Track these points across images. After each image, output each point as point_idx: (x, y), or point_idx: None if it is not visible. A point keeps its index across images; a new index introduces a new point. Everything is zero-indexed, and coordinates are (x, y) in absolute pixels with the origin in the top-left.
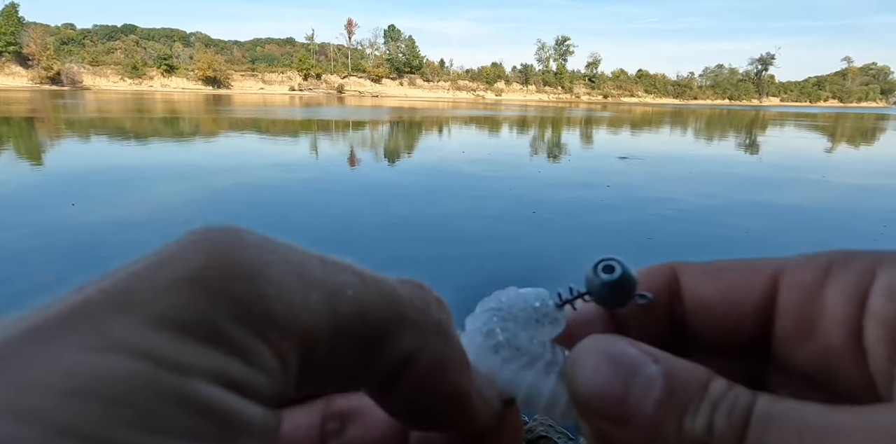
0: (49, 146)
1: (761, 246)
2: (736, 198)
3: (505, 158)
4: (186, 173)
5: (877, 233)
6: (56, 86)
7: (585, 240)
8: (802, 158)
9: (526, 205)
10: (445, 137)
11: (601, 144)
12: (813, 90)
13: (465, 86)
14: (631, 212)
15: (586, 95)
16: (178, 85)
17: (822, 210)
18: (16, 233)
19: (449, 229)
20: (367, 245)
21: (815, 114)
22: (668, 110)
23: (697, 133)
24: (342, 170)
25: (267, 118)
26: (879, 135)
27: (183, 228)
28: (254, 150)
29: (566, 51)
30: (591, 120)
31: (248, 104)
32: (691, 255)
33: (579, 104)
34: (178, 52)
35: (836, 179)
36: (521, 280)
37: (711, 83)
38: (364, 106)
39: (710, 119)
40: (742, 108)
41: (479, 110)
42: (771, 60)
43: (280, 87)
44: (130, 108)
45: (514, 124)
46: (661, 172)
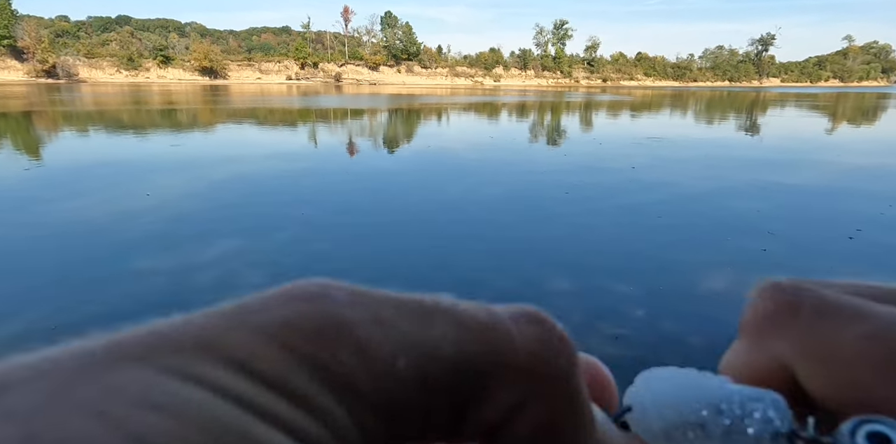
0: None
1: (775, 225)
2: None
3: (529, 144)
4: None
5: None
6: (52, 79)
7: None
8: (802, 140)
9: (558, 187)
10: (470, 124)
11: (622, 127)
12: (814, 70)
13: (464, 72)
14: (651, 193)
15: (585, 79)
16: (174, 76)
17: (825, 190)
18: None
19: (511, 204)
20: (431, 225)
21: (816, 94)
22: (668, 93)
23: (703, 115)
24: (405, 156)
25: (298, 108)
26: (881, 113)
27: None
28: (300, 141)
29: (564, 35)
30: (603, 104)
31: (257, 95)
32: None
33: (578, 88)
34: (174, 43)
35: (846, 160)
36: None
37: (711, 65)
38: (372, 94)
39: (710, 101)
40: (742, 89)
41: (482, 96)
42: (771, 41)
43: (277, 76)
44: (158, 100)
45: (527, 110)
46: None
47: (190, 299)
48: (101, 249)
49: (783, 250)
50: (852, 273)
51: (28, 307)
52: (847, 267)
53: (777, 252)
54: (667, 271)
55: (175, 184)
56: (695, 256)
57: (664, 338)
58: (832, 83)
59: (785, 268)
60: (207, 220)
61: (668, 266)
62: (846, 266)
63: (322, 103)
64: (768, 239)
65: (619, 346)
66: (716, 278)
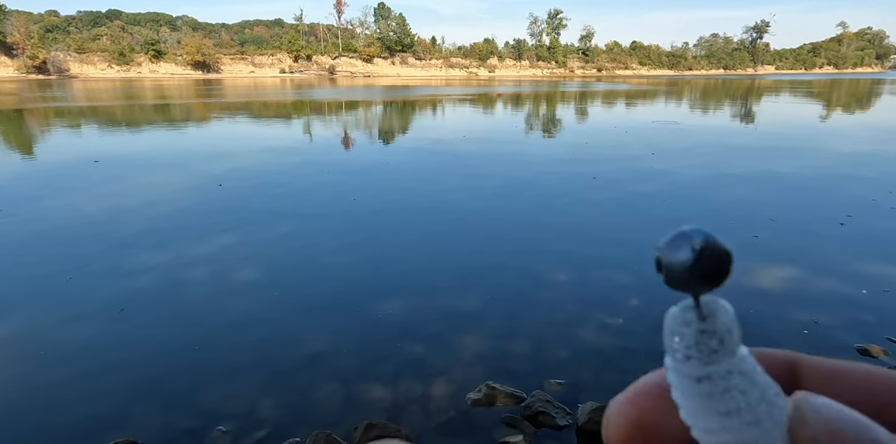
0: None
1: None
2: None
3: (547, 132)
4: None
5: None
6: (43, 75)
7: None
8: (794, 126)
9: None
10: (484, 115)
11: (629, 114)
12: (808, 57)
13: (458, 63)
14: (669, 177)
15: (580, 68)
16: (166, 71)
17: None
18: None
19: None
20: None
21: (811, 81)
22: (663, 82)
23: (700, 104)
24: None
25: (299, 100)
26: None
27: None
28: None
29: (559, 24)
30: (606, 93)
31: (251, 88)
32: None
33: (573, 78)
34: (166, 37)
35: (838, 148)
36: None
37: (706, 53)
38: (371, 86)
39: (706, 90)
40: (738, 77)
41: (479, 88)
42: (766, 28)
43: (270, 69)
44: (151, 95)
45: (534, 100)
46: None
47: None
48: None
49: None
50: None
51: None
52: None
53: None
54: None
55: (168, 180)
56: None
57: None
58: (827, 70)
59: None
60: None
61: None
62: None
63: (320, 96)
64: (768, 225)
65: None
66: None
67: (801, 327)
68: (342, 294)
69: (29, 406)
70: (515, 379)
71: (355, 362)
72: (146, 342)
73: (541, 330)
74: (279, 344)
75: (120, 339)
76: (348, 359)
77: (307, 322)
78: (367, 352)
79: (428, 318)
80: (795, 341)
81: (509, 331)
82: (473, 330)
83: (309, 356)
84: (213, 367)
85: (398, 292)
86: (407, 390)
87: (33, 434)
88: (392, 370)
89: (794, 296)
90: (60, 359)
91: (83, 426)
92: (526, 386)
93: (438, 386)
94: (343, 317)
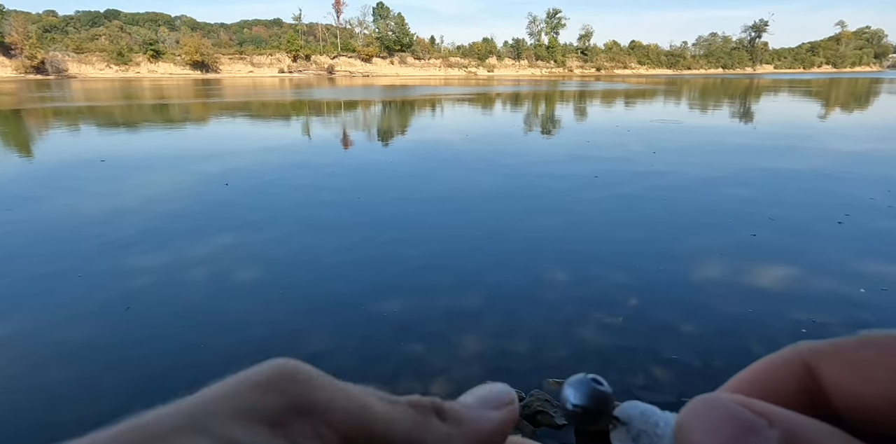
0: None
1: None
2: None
3: (547, 131)
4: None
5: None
6: (41, 75)
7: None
8: (793, 125)
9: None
10: (484, 115)
11: (634, 114)
12: (807, 56)
13: (457, 62)
14: (669, 176)
15: (579, 68)
16: (165, 70)
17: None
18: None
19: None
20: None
21: (809, 80)
22: (662, 81)
23: (699, 103)
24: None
25: (303, 100)
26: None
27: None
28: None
29: (558, 24)
30: (607, 93)
31: (250, 88)
32: None
33: (572, 77)
34: (164, 37)
35: (836, 147)
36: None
37: (705, 52)
38: (370, 85)
39: (705, 89)
40: (736, 76)
41: (480, 87)
42: (764, 27)
43: (269, 69)
44: (150, 95)
45: (533, 99)
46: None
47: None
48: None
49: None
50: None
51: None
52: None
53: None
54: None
55: (165, 179)
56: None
57: None
58: (825, 69)
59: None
60: (254, 181)
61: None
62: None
63: (319, 95)
64: (767, 223)
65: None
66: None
67: (799, 325)
68: (342, 294)
69: (29, 406)
70: (514, 378)
71: (355, 361)
72: (147, 341)
73: (540, 329)
74: (280, 343)
75: (121, 338)
76: (348, 358)
77: (308, 321)
78: (366, 351)
79: (427, 317)
80: (793, 341)
81: (508, 330)
82: (473, 329)
83: (309, 356)
84: (214, 366)
85: (398, 291)
86: (406, 389)
87: (33, 434)
88: (391, 370)
89: (792, 295)
90: (60, 359)
91: (83, 426)
92: (525, 385)
93: (438, 385)
94: (343, 316)
